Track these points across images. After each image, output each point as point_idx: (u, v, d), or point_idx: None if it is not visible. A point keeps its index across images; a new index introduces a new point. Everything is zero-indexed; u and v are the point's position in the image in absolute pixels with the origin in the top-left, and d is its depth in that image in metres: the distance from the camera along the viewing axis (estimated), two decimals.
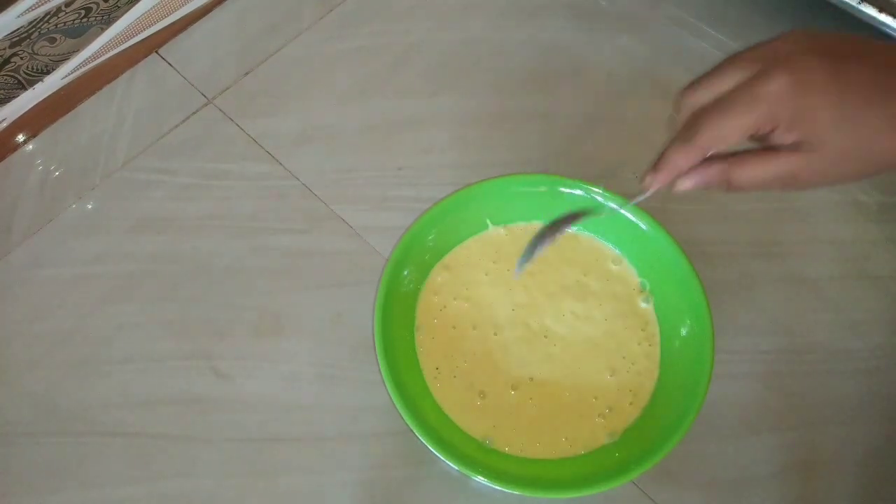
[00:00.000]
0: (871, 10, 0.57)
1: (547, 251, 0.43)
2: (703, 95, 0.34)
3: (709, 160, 0.34)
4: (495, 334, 0.49)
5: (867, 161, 0.32)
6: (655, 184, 0.36)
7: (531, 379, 0.48)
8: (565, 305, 0.50)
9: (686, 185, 0.35)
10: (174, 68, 0.67)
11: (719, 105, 0.33)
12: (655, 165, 0.35)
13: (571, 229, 0.44)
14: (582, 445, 0.46)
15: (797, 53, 0.32)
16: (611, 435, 0.47)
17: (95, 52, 0.65)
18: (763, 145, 0.34)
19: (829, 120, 0.31)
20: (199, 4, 0.69)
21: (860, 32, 0.59)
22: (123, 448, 0.51)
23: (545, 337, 0.49)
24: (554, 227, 0.42)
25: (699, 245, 0.57)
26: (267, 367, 0.54)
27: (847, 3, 0.58)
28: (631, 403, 0.47)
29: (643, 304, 0.50)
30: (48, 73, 0.64)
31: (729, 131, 0.32)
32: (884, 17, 0.57)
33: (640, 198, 0.38)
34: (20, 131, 0.63)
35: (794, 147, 0.32)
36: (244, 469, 0.50)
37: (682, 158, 0.34)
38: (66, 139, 0.63)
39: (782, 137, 0.32)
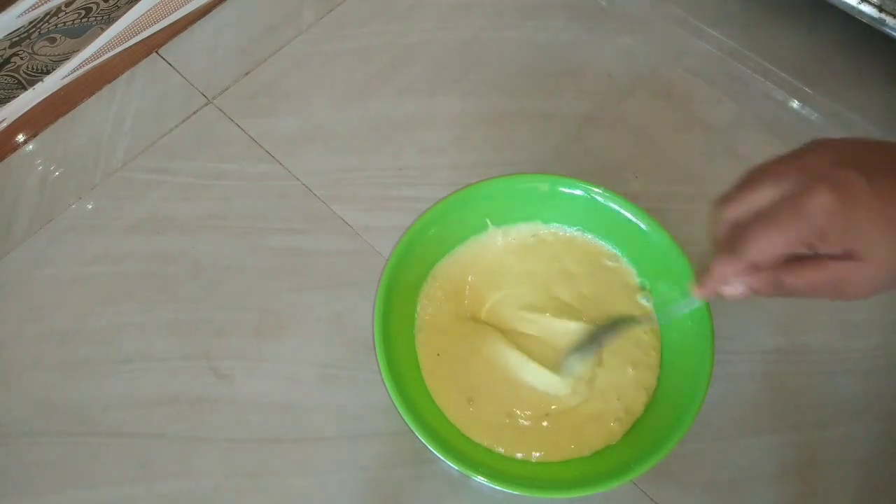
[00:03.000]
0: (870, 10, 0.57)
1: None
2: (741, 209, 0.35)
3: (755, 267, 0.35)
4: (497, 334, 0.49)
5: None
6: (702, 295, 0.38)
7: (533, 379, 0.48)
8: (566, 305, 0.50)
9: (736, 291, 0.36)
10: (174, 68, 0.67)
11: (764, 220, 0.34)
12: (703, 278, 0.37)
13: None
14: (589, 444, 0.46)
15: (834, 167, 0.33)
16: (612, 436, 0.47)
17: (95, 52, 0.65)
18: (810, 252, 0.34)
19: (878, 233, 0.32)
20: (199, 4, 0.69)
21: (860, 32, 0.60)
22: (123, 448, 0.51)
23: (547, 337, 0.49)
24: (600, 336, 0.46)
25: (699, 245, 0.56)
26: (267, 367, 0.54)
27: (847, 4, 0.58)
28: (634, 399, 0.47)
29: (643, 304, 0.50)
30: (48, 73, 0.64)
31: (776, 245, 0.33)
32: (884, 17, 0.57)
33: (686, 308, 0.42)
34: (20, 131, 0.63)
35: (844, 256, 0.33)
36: (244, 469, 0.50)
37: (729, 270, 0.35)
38: (66, 139, 0.63)
39: (829, 249, 0.33)
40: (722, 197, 0.36)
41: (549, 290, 0.51)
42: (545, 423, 0.47)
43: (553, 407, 0.47)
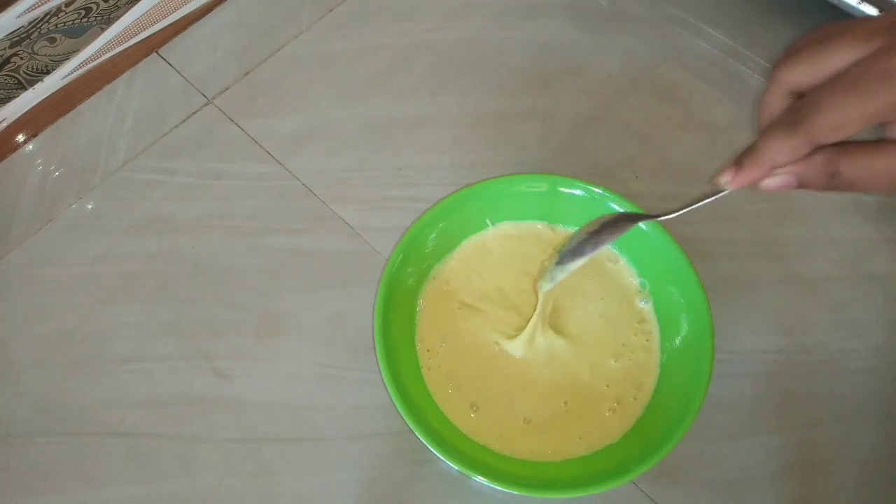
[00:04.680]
0: (870, 10, 0.57)
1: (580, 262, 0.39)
2: (808, 74, 0.28)
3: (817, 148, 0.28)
4: (496, 334, 0.49)
5: None
6: (737, 182, 0.30)
7: (539, 379, 0.48)
8: (566, 305, 0.50)
9: (778, 183, 0.29)
10: (174, 68, 0.67)
11: (838, 85, 0.27)
12: (740, 160, 0.29)
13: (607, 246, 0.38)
14: (590, 444, 0.46)
15: None
16: (614, 436, 0.47)
17: (95, 52, 0.65)
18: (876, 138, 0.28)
19: None
20: (199, 4, 0.69)
21: None
22: (123, 448, 0.51)
23: (547, 337, 0.49)
24: (595, 238, 0.36)
25: (699, 245, 0.57)
26: (267, 367, 0.54)
27: (847, 3, 0.58)
28: (635, 399, 0.47)
29: (642, 304, 0.50)
30: (48, 73, 0.64)
31: (852, 117, 0.26)
32: None
33: (708, 200, 0.32)
34: (20, 131, 0.63)
35: None
36: (244, 469, 0.50)
37: (785, 151, 0.28)
38: (66, 139, 0.63)
39: None
40: (780, 60, 0.29)
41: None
42: (545, 423, 0.47)
43: (555, 406, 0.47)
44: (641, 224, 0.49)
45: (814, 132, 0.27)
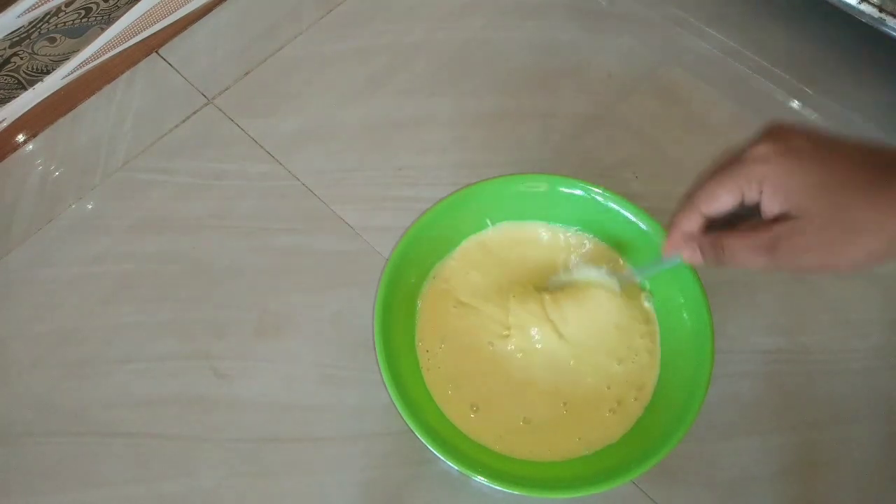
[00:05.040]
0: (870, 10, 0.57)
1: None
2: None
3: (708, 220, 0.37)
4: (496, 334, 0.49)
5: (851, 243, 0.32)
6: (668, 252, 0.39)
7: (539, 379, 0.48)
8: (565, 305, 0.50)
9: (688, 255, 0.38)
10: (174, 68, 0.67)
11: (714, 173, 0.36)
12: (668, 231, 0.39)
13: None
14: (589, 444, 0.46)
15: (784, 131, 0.34)
16: (614, 437, 0.47)
17: (95, 52, 0.65)
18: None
19: (813, 185, 0.32)
20: (199, 4, 0.69)
21: (860, 32, 0.60)
22: (123, 448, 0.51)
23: (547, 336, 0.49)
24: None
25: None
26: (267, 367, 0.54)
27: (847, 3, 0.58)
28: (636, 399, 0.47)
29: (644, 304, 0.50)
30: (48, 73, 0.64)
31: (719, 190, 0.35)
32: (884, 17, 0.57)
33: (659, 267, 0.44)
34: (20, 131, 0.63)
35: (781, 218, 0.33)
36: (244, 469, 0.50)
37: (684, 221, 0.37)
38: (66, 139, 0.63)
39: (770, 207, 0.34)
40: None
41: (548, 291, 0.51)
42: (545, 423, 0.47)
43: (555, 406, 0.47)
44: (642, 224, 0.49)
45: (696, 203, 0.36)
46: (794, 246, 0.33)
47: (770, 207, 0.34)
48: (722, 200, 0.35)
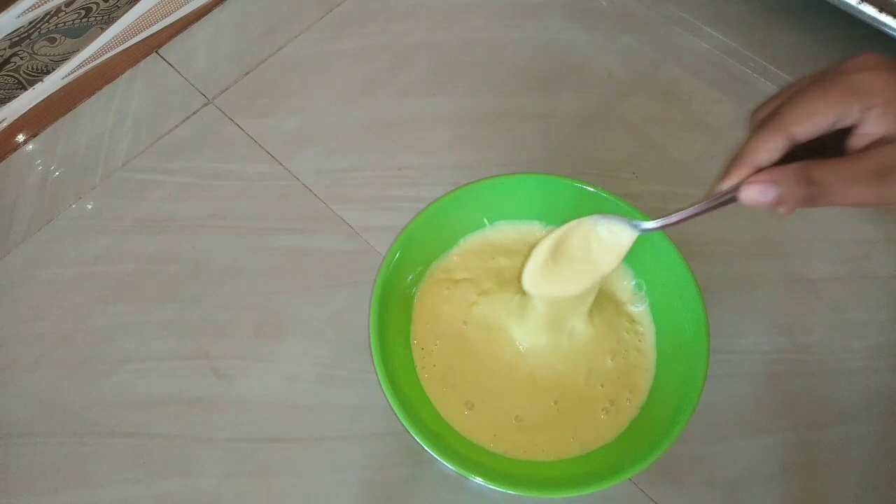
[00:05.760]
0: (870, 10, 0.57)
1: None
2: (779, 103, 0.31)
3: (794, 144, 0.29)
4: (493, 334, 0.49)
5: None
6: (730, 182, 0.31)
7: (532, 378, 0.48)
8: (564, 304, 0.50)
9: (757, 193, 0.30)
10: (174, 68, 0.67)
11: (804, 87, 0.29)
12: (731, 164, 0.31)
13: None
14: (584, 444, 0.46)
15: (880, 60, 0.29)
16: (608, 436, 0.47)
17: (95, 52, 0.65)
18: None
19: None
20: (199, 4, 0.69)
21: (860, 32, 0.59)
22: (123, 448, 0.51)
23: (544, 335, 0.49)
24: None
25: (699, 245, 0.57)
26: (267, 367, 0.54)
27: (847, 3, 0.58)
28: (629, 400, 0.47)
29: (638, 305, 0.50)
30: (48, 73, 0.64)
31: (818, 109, 0.28)
32: (884, 17, 0.57)
33: (710, 204, 0.34)
34: (20, 131, 0.63)
35: (879, 143, 0.28)
36: (244, 469, 0.50)
37: (764, 144, 0.29)
38: (66, 139, 0.63)
39: (874, 127, 0.28)
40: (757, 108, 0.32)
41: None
42: (536, 422, 0.47)
43: (545, 404, 0.47)
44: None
45: (786, 124, 0.29)
46: None
47: (874, 128, 0.28)
48: (818, 119, 0.28)
